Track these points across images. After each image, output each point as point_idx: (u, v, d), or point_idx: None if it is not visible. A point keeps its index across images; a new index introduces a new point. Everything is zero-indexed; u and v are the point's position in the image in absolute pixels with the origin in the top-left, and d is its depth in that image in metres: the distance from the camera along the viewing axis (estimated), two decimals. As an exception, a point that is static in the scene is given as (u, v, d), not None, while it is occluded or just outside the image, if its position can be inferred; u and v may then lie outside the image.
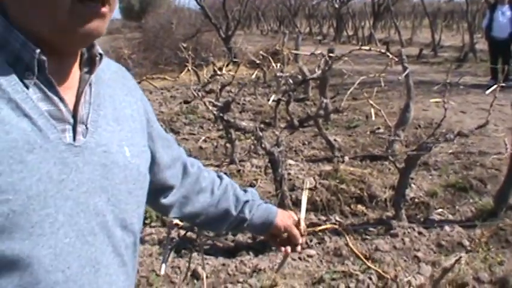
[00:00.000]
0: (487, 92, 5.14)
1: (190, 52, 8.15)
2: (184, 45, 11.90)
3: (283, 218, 1.74)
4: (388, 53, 4.66)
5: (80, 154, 1.05)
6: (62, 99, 1.04)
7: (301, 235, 1.76)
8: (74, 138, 1.05)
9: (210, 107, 4.84)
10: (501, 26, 12.75)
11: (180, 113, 10.07)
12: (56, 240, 1.00)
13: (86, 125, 1.08)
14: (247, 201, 1.68)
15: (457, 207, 5.39)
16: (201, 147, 7.66)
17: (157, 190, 1.46)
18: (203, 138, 8.08)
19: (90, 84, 1.13)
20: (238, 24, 20.43)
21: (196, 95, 5.43)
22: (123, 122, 1.20)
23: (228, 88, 9.52)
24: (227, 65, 9.92)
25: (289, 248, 1.76)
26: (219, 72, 6.93)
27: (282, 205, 4.30)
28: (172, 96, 12.32)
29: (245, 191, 1.73)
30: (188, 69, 8.24)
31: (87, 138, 1.08)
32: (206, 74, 10.41)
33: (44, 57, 1.00)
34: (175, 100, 11.70)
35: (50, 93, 1.02)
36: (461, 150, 7.10)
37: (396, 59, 4.83)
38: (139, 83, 7.21)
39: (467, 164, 6.56)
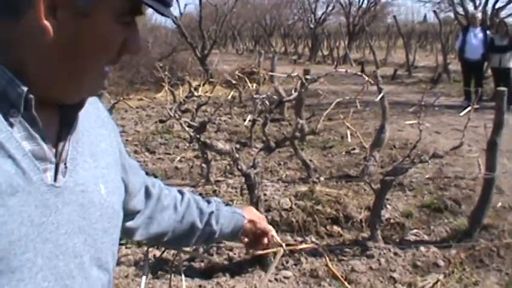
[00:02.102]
0: (461, 114, 5.20)
1: (166, 72, 8.13)
2: (161, 64, 11.89)
3: (251, 217, 1.76)
4: (364, 75, 4.70)
5: (60, 195, 1.03)
6: (44, 138, 1.02)
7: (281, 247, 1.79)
8: (55, 178, 1.03)
9: (186, 128, 4.83)
10: (474, 47, 12.94)
11: (156, 132, 10.03)
12: (34, 285, 0.97)
13: (65, 163, 1.07)
14: (211, 213, 1.67)
15: (432, 227, 5.42)
16: (176, 167, 7.62)
17: (126, 215, 1.46)
18: (179, 158, 8.05)
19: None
20: (214, 43, 20.50)
21: (172, 115, 5.42)
22: (99, 157, 1.19)
23: (203, 108, 9.51)
24: (203, 85, 9.92)
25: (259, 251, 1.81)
26: (195, 94, 6.92)
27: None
28: (147, 115, 12.26)
29: (208, 201, 1.73)
30: (165, 90, 8.23)
31: (67, 178, 1.06)
32: (182, 93, 10.41)
33: (31, 96, 0.97)
34: (151, 119, 11.65)
35: (33, 132, 1.00)
36: (436, 170, 7.16)
37: (372, 82, 4.87)
38: (116, 103, 7.17)
39: (442, 184, 6.61)
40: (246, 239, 1.78)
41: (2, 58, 0.96)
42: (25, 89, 0.96)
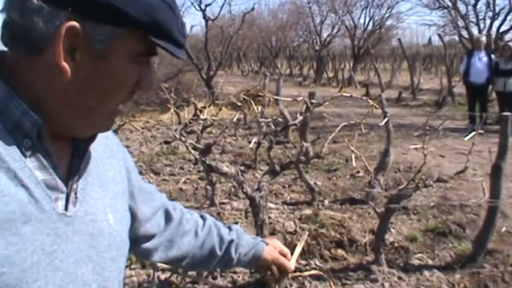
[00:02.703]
0: (466, 138, 5.21)
1: (172, 94, 8.17)
2: (166, 85, 11.93)
3: (271, 251, 1.77)
4: (369, 100, 4.71)
5: (71, 224, 1.06)
6: (56, 168, 1.05)
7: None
8: (66, 207, 1.06)
9: (192, 151, 4.86)
10: (478, 71, 12.93)
11: (161, 154, 10.03)
12: None
13: (75, 193, 1.10)
14: (232, 241, 1.69)
15: (436, 251, 5.40)
16: (181, 189, 7.63)
17: (139, 239, 1.48)
18: (183, 179, 8.06)
19: None
20: (219, 65, 20.56)
21: (177, 137, 5.45)
22: (107, 187, 1.22)
23: (208, 129, 9.53)
24: (208, 106, 9.96)
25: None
26: (201, 117, 6.95)
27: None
28: (152, 136, 12.29)
29: (230, 228, 1.74)
30: (171, 112, 8.24)
31: (77, 207, 1.09)
32: (187, 115, 10.43)
33: (44, 127, 1.01)
34: (156, 140, 11.68)
35: (45, 162, 1.03)
36: (441, 194, 7.15)
37: (377, 107, 4.89)
38: (122, 125, 7.16)
39: (446, 208, 6.60)
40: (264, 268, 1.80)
41: (19, 90, 1.00)
42: (39, 120, 1.00)
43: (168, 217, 1.59)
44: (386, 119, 5.52)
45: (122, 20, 0.99)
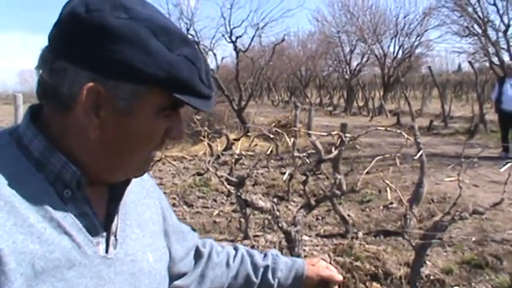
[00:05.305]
0: (502, 170, 5.17)
1: (206, 128, 8.25)
2: (198, 117, 12.05)
3: (313, 267, 1.75)
4: (404, 133, 4.71)
5: (112, 266, 1.11)
6: (95, 214, 1.12)
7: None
8: (107, 250, 1.12)
9: (227, 186, 4.90)
10: (510, 98, 12.84)
11: (193, 185, 10.07)
12: None
13: (115, 236, 1.16)
14: (267, 267, 1.69)
15: (473, 284, 5.34)
16: (214, 221, 7.66)
17: (171, 277, 1.51)
18: (217, 212, 8.09)
19: None
20: (251, 96, 20.66)
21: (211, 170, 5.49)
22: (145, 227, 1.28)
23: (241, 160, 9.57)
24: (241, 138, 10.00)
25: None
26: (236, 153, 7.00)
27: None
28: (185, 167, 12.37)
29: (265, 255, 1.75)
30: (204, 144, 8.31)
31: (118, 250, 1.14)
32: (220, 146, 10.49)
33: (83, 177, 1.08)
34: (188, 171, 11.75)
35: (85, 209, 1.10)
36: (476, 225, 7.07)
37: (410, 139, 4.88)
38: (158, 160, 7.20)
39: (482, 240, 6.52)
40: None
41: (56, 143, 1.07)
42: (77, 172, 1.07)
43: (198, 255, 1.62)
44: (420, 151, 5.50)
45: (141, 78, 1.02)
